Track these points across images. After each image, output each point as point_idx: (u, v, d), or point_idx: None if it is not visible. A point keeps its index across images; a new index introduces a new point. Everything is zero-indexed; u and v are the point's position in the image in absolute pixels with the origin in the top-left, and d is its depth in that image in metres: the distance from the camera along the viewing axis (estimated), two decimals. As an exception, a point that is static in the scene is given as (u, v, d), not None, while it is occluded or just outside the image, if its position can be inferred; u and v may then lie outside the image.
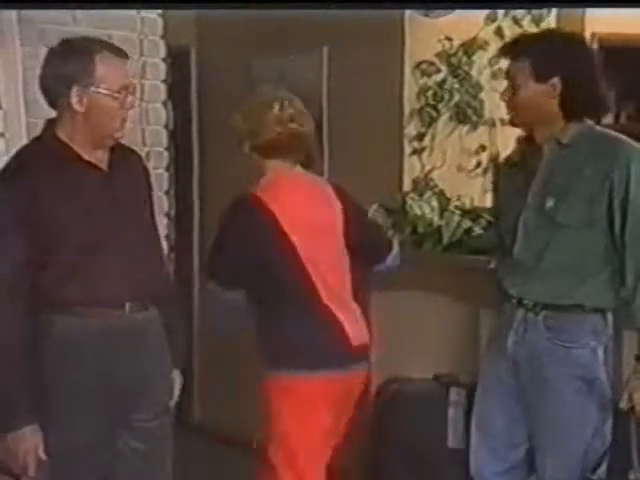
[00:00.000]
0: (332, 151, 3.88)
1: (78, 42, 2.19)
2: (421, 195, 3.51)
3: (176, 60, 4.03)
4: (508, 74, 2.31)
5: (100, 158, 2.20)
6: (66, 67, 2.13)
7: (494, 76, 3.60)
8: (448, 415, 2.93)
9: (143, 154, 3.39)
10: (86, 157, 2.17)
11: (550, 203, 2.26)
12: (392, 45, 3.60)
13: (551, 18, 3.55)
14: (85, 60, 2.12)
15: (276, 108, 2.55)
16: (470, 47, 3.62)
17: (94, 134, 2.17)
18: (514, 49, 2.31)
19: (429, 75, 3.63)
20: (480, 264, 2.90)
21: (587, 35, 3.51)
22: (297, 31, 3.74)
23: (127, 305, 2.20)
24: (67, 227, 2.13)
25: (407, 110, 3.65)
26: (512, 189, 2.41)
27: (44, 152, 2.18)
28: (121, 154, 2.25)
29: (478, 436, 2.49)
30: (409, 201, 3.47)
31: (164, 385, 2.33)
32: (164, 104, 3.53)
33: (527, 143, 2.38)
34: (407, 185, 3.64)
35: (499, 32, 3.58)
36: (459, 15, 3.45)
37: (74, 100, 2.12)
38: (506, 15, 3.58)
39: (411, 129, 3.66)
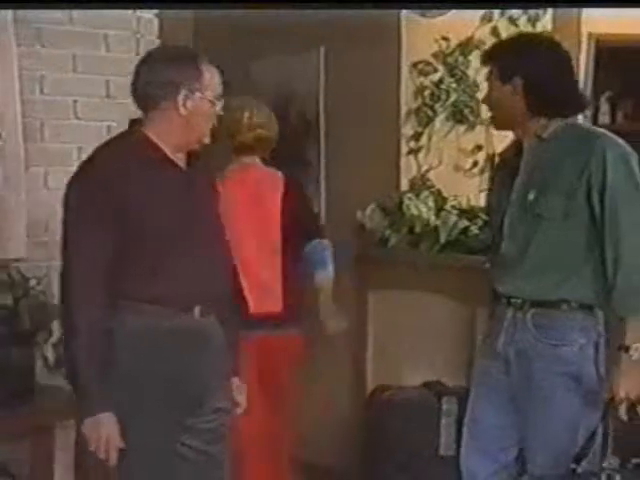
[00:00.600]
0: (329, 151, 3.88)
1: (181, 49, 2.29)
2: (418, 195, 3.51)
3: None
4: (487, 78, 2.45)
5: (180, 159, 2.25)
6: (174, 72, 2.19)
7: (491, 76, 3.61)
8: (441, 424, 2.94)
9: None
10: (171, 157, 2.23)
11: (531, 197, 2.31)
12: (389, 45, 3.60)
13: (547, 18, 3.55)
14: (193, 66, 2.19)
15: (246, 116, 3.06)
16: (466, 47, 3.62)
17: (189, 137, 2.23)
18: (485, 55, 2.47)
19: (426, 75, 3.63)
20: (477, 264, 2.90)
21: (584, 35, 3.52)
22: (294, 31, 3.74)
23: (196, 308, 2.22)
24: (149, 224, 2.16)
25: (404, 110, 3.65)
26: (500, 187, 2.46)
27: (131, 149, 2.22)
28: (194, 157, 2.30)
29: (469, 436, 2.49)
30: (406, 201, 3.48)
31: (225, 388, 2.34)
32: (161, 104, 3.52)
33: (515, 143, 2.45)
34: (404, 185, 3.65)
35: (495, 32, 3.58)
36: (455, 15, 3.45)
37: (180, 104, 2.18)
38: (502, 15, 3.58)
39: (408, 129, 3.66)
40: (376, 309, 3.59)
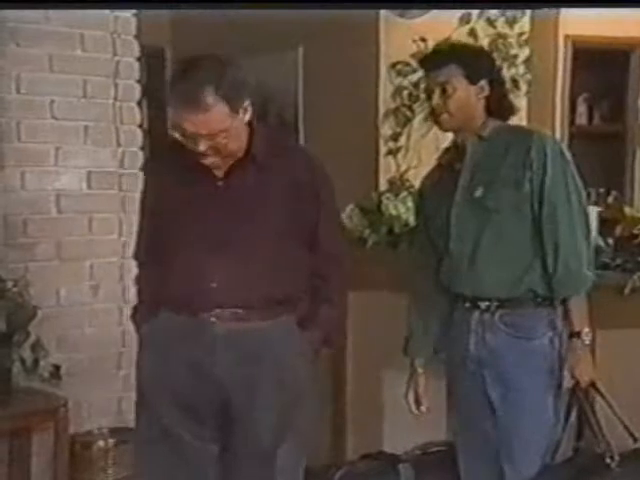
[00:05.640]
0: (307, 151, 3.87)
1: (194, 64, 2.14)
2: (397, 195, 3.51)
3: (151, 60, 4.00)
4: (437, 80, 2.44)
5: (218, 163, 2.17)
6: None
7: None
8: None
9: (118, 154, 3.39)
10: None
11: (478, 193, 2.36)
12: (367, 46, 3.60)
13: (525, 20, 3.57)
14: (175, 82, 2.12)
15: None
16: (445, 48, 3.63)
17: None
18: (442, 57, 2.46)
19: (404, 75, 3.63)
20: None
21: (561, 37, 3.54)
22: (272, 31, 3.73)
23: (241, 311, 2.18)
24: (180, 223, 2.20)
25: (382, 110, 3.65)
26: (438, 194, 2.49)
27: (169, 153, 2.27)
28: (276, 154, 2.24)
29: (463, 450, 2.51)
30: (385, 201, 3.48)
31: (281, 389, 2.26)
32: (139, 104, 3.50)
33: (453, 148, 2.51)
34: (383, 185, 3.65)
35: (473, 33, 3.59)
36: (433, 16, 3.46)
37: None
38: (480, 16, 3.59)
39: (386, 129, 3.66)
40: (355, 309, 3.59)
